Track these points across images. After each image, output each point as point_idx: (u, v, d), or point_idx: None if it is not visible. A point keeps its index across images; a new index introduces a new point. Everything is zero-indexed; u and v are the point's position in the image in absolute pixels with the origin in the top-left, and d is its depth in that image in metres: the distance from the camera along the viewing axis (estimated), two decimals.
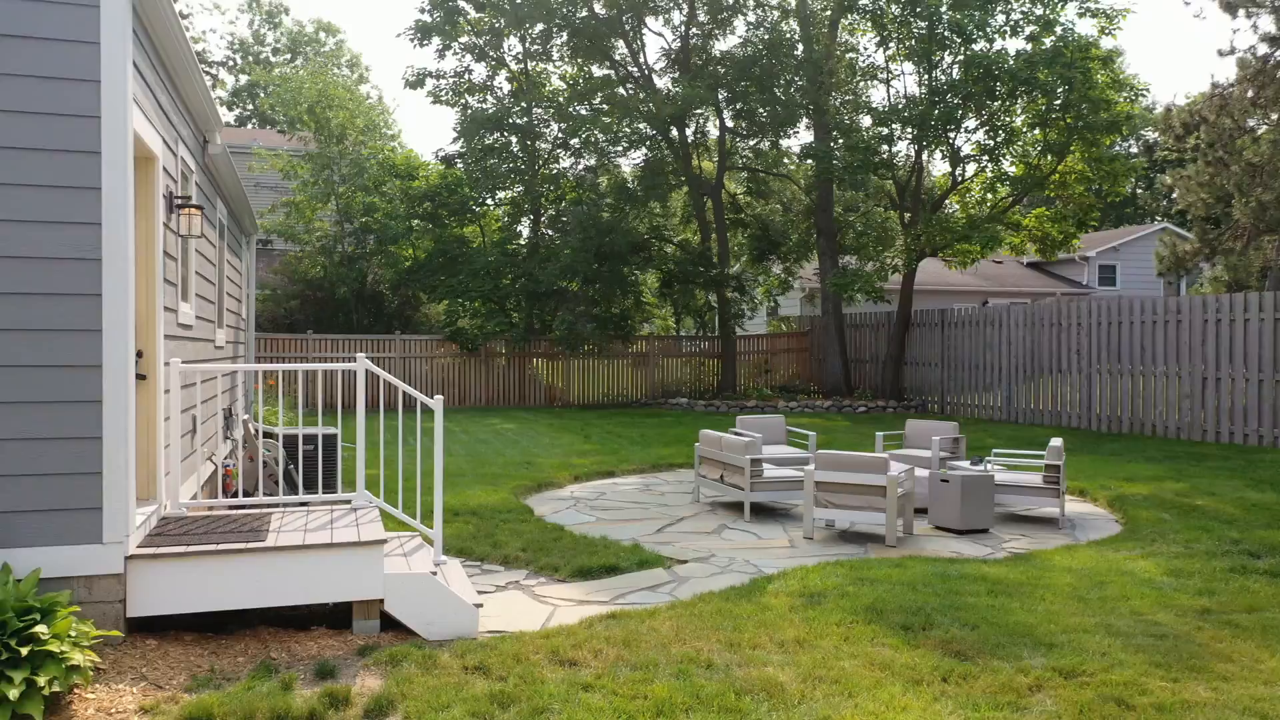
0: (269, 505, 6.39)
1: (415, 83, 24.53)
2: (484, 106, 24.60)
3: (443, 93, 24.83)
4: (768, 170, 25.29)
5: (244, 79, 52.63)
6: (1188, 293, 34.05)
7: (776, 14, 23.41)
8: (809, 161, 22.99)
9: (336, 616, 5.62)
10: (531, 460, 12.90)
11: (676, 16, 23.51)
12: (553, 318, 23.08)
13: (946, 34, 20.29)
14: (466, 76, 24.93)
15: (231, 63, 54.18)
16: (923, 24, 20.48)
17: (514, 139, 24.45)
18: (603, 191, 24.42)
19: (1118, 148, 21.20)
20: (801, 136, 23.02)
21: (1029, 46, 20.30)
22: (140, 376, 5.94)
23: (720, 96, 22.53)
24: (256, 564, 5.18)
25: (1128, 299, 16.41)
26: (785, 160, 25.38)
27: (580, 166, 25.04)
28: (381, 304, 25.21)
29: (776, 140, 24.57)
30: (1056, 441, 9.37)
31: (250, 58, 55.02)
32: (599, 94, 23.71)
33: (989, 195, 22.33)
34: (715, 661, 4.98)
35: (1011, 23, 20.28)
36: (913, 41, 20.91)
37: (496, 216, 26.72)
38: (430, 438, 12.47)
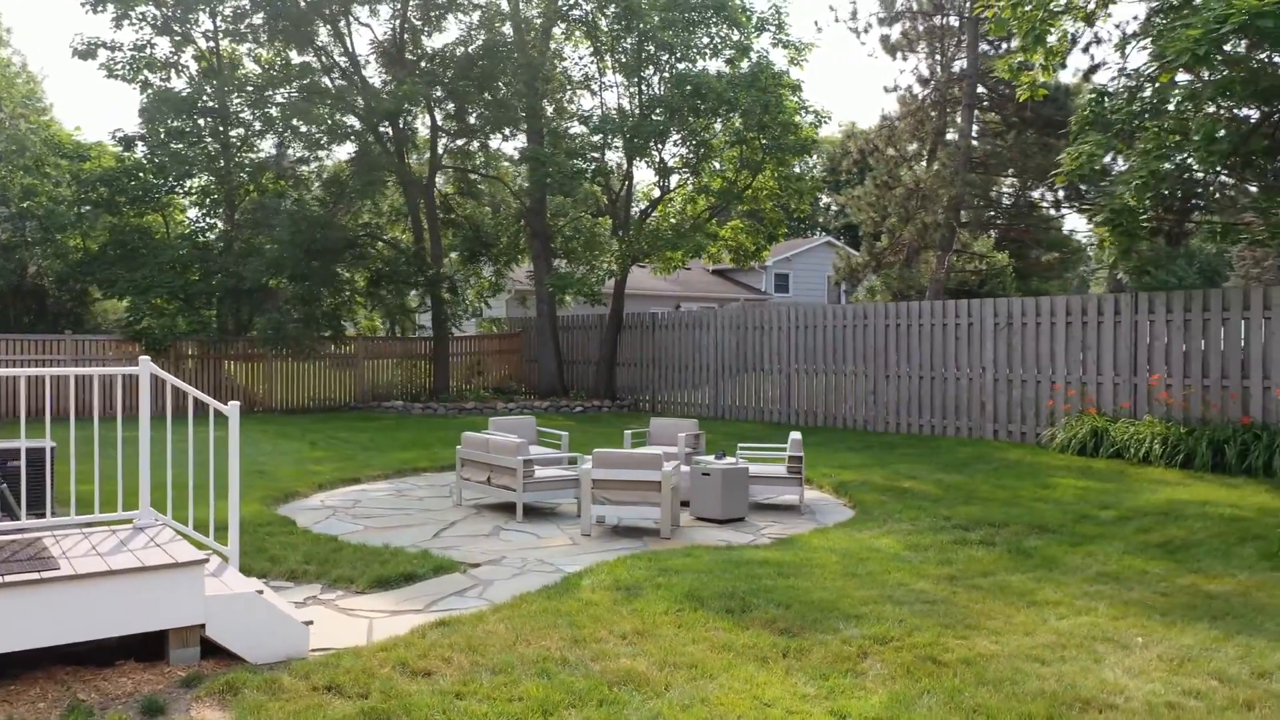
0: (36, 529, 5.58)
1: (86, 53, 21.92)
2: (170, 86, 22.49)
3: (119, 67, 22.38)
4: (480, 171, 25.26)
5: None
6: (847, 301, 38.14)
7: (491, 16, 23.45)
8: (522, 165, 23.29)
9: (142, 648, 5.06)
10: (264, 469, 12.08)
11: (386, 10, 22.87)
12: (251, 317, 21.59)
13: (654, 51, 21.40)
14: (149, 51, 22.65)
15: None
16: (633, 39, 21.47)
17: (205, 123, 22.57)
18: (312, 185, 23.19)
19: (800, 168, 23.34)
20: (517, 140, 23.33)
21: (728, 69, 21.92)
22: None
23: (437, 94, 22.20)
24: (54, 596, 4.56)
25: (825, 306, 18.25)
26: (498, 162, 25.48)
27: (284, 158, 23.60)
28: (45, 300, 22.28)
29: (485, 142, 24.62)
30: (796, 435, 10.29)
31: None
32: (296, 82, 22.50)
33: (688, 207, 23.81)
34: (569, 658, 5.08)
35: (713, 45, 21.78)
36: (623, 56, 21.85)
37: (182, 207, 24.52)
38: (217, 447, 11.30)
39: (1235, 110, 11.72)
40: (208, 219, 23.42)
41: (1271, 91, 10.58)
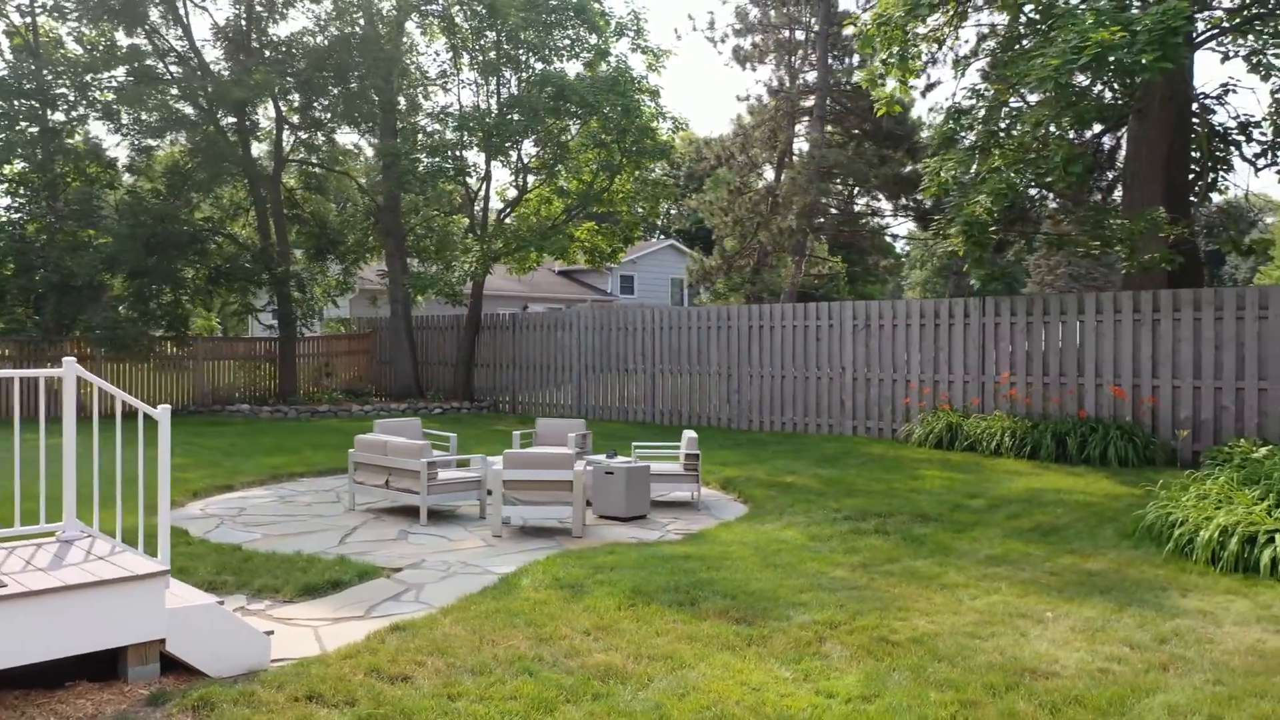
0: None
1: None
2: None
3: None
4: (329, 166, 24.41)
5: None
6: (690, 303, 39.05)
7: (343, 6, 22.70)
8: (372, 159, 22.69)
9: (94, 666, 4.75)
10: (128, 477, 11.31)
11: None
12: (76, 316, 20.06)
13: (513, 50, 21.33)
14: None
15: None
16: (492, 36, 21.32)
17: (21, 105, 20.80)
18: (151, 175, 21.78)
19: (657, 172, 23.81)
20: (371, 135, 22.52)
21: (587, 72, 22.09)
22: None
23: (288, 84, 21.31)
24: (4, 616, 4.23)
25: (689, 308, 18.71)
26: (348, 157, 24.70)
27: (118, 145, 22.06)
28: None
29: (331, 135, 23.84)
30: (691, 434, 10.60)
31: None
32: (125, 65, 21.11)
33: (542, 208, 23.84)
34: (544, 656, 5.12)
35: (571, 48, 21.90)
36: (480, 54, 21.66)
37: None
38: (136, 451, 10.41)
39: (1076, 133, 12.88)
40: (28, 208, 21.54)
41: (1104, 116, 11.70)
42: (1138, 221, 12.24)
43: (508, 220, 23.21)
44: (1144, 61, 9.91)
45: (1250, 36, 14.17)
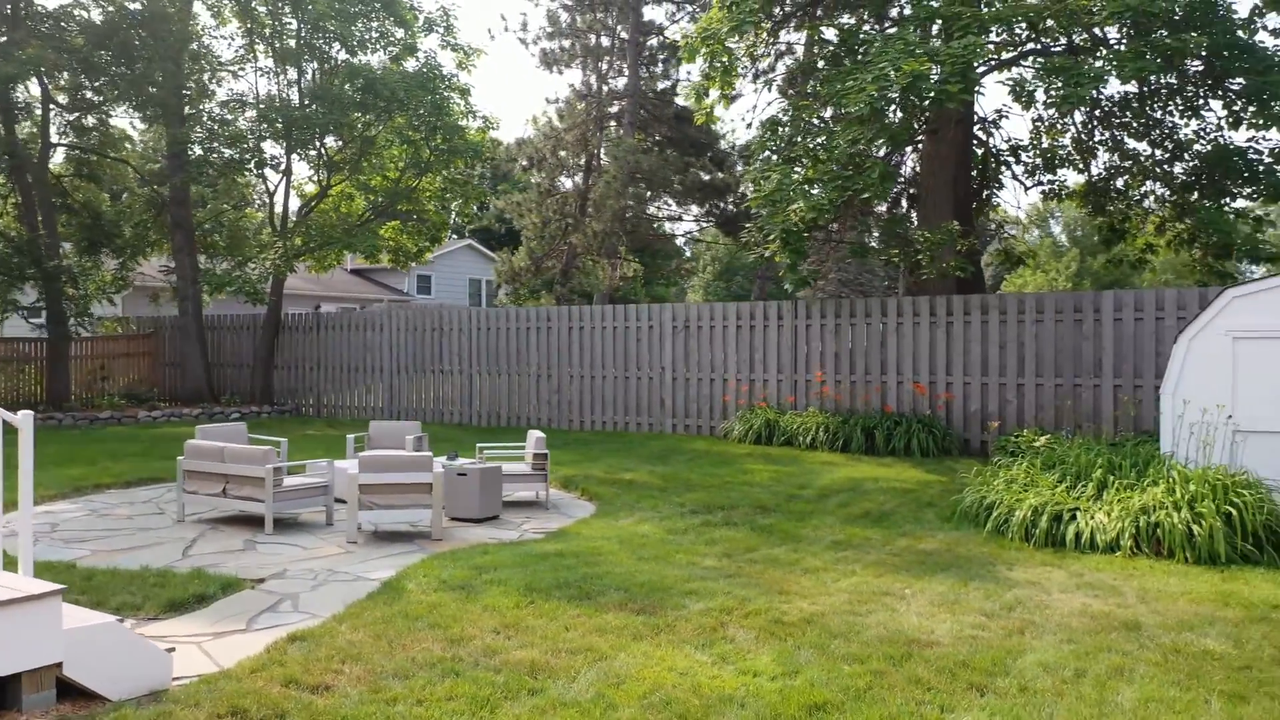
0: None
1: None
2: None
3: None
4: (102, 152, 22.49)
5: None
6: (489, 304, 38.81)
7: None
8: (151, 147, 21.16)
9: None
10: None
11: None
12: None
13: (316, 40, 20.52)
14: None
15: None
16: (293, 23, 20.41)
17: None
18: None
19: (469, 171, 23.49)
20: (157, 120, 20.81)
21: (394, 66, 21.56)
22: None
23: (64, 61, 19.47)
24: None
25: (508, 309, 18.67)
26: (126, 142, 22.86)
27: None
28: None
29: (105, 119, 22.03)
30: (538, 434, 10.69)
31: None
32: None
33: (343, 205, 23.05)
34: (462, 657, 5.12)
35: (377, 40, 21.30)
36: (279, 40, 20.69)
37: None
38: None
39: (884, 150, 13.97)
40: None
41: (911, 137, 12.79)
42: (936, 233, 13.44)
43: (310, 216, 22.25)
44: (950, 90, 10.96)
45: (1015, 69, 15.87)
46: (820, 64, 17.92)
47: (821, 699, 4.51)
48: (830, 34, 17.39)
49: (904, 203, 19.87)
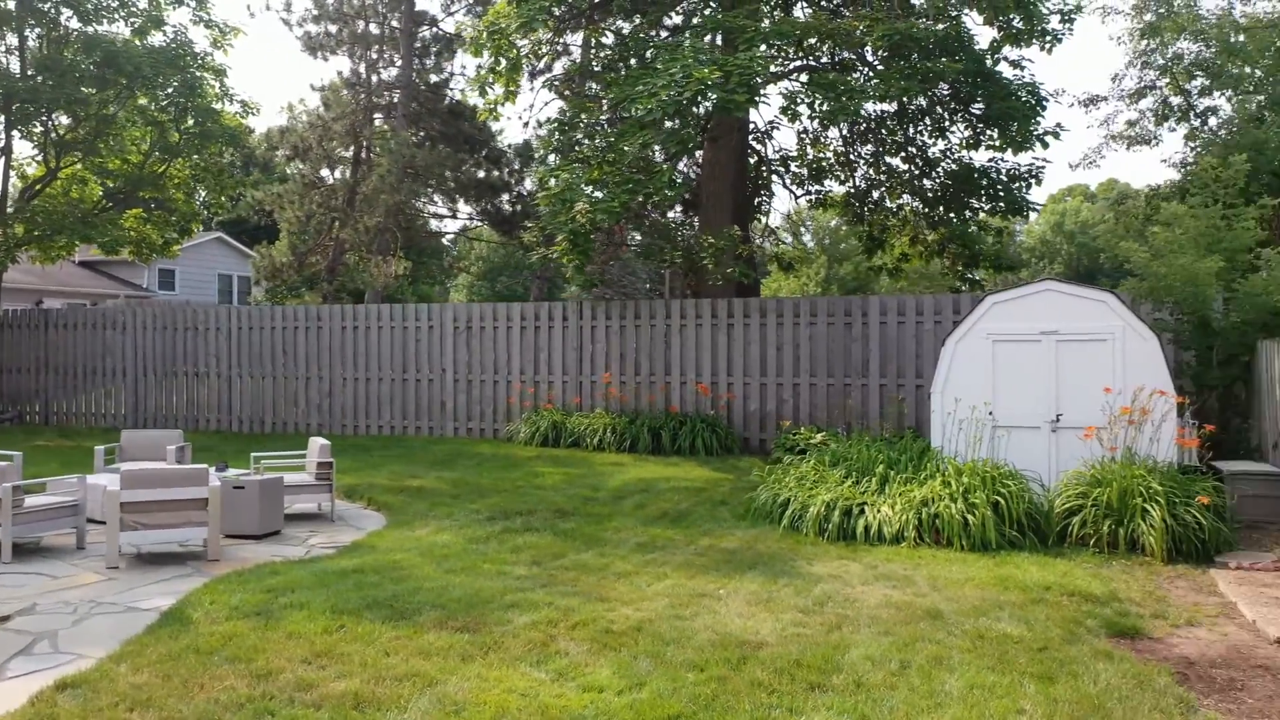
0: None
1: None
2: None
3: None
4: None
5: None
6: (241, 302, 36.33)
7: None
8: None
9: None
10: None
11: None
12: None
13: (37, 4, 18.33)
14: None
15: None
16: None
17: None
18: None
19: (219, 160, 21.66)
20: None
21: (135, 39, 19.63)
22: None
23: None
24: None
25: (274, 307, 17.43)
26: None
27: None
28: None
29: None
30: (322, 441, 10.01)
31: None
32: None
33: (74, 189, 20.75)
34: (274, 693, 4.63)
35: (122, 11, 19.33)
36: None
37: None
38: None
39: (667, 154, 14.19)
40: None
41: (699, 143, 13.07)
42: (720, 238, 13.81)
43: (34, 202, 19.82)
44: (738, 99, 11.27)
45: (786, 82, 16.65)
46: (598, 67, 18.06)
47: (674, 712, 4.41)
48: (608, 39, 17.54)
49: (678, 207, 20.37)
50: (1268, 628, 5.92)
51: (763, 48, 12.15)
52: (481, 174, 25.29)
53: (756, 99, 12.04)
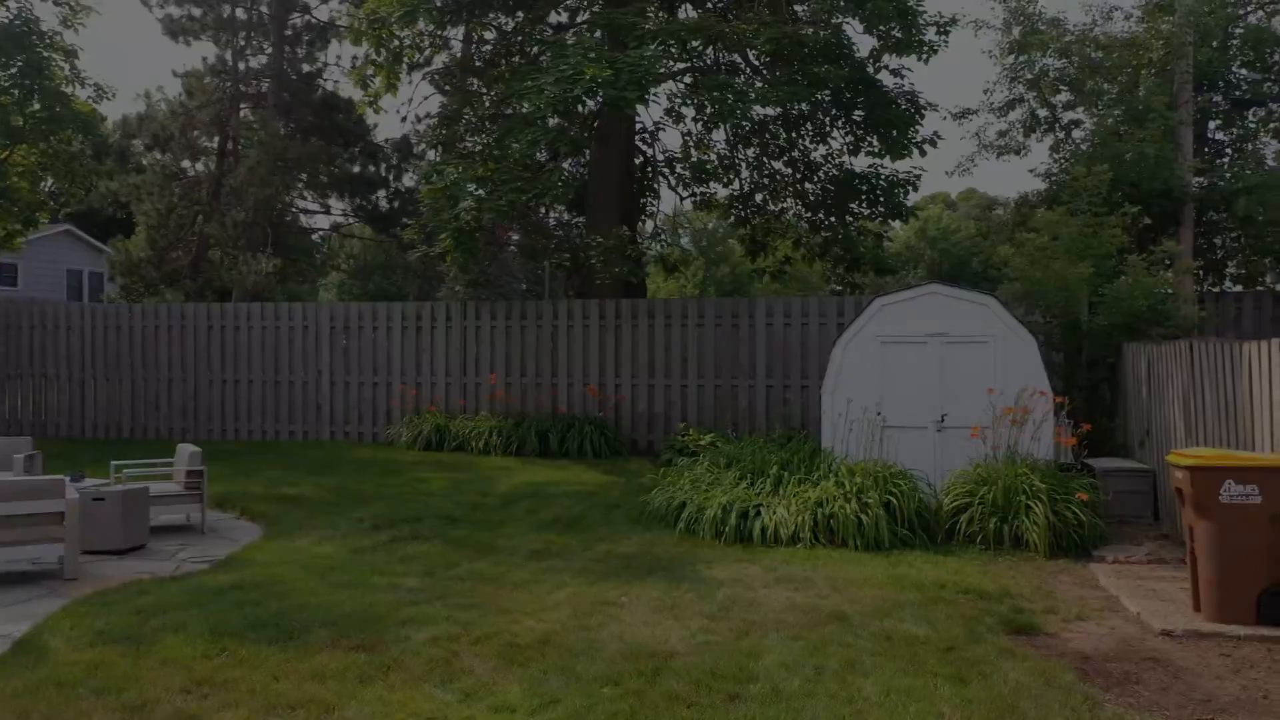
0: None
1: None
2: None
3: None
4: None
5: None
6: (94, 300, 34.23)
7: None
8: None
9: None
10: None
11: None
12: None
13: None
14: None
15: None
16: None
17: None
18: None
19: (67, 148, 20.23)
20: None
21: None
22: None
23: None
24: None
25: (134, 305, 16.36)
26: None
27: None
28: None
29: None
30: (192, 448, 9.41)
31: None
32: None
33: None
34: None
35: None
36: None
37: None
38: None
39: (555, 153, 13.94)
40: None
41: (588, 142, 12.90)
42: (610, 239, 13.66)
43: None
44: (629, 97, 11.14)
45: (674, 83, 16.65)
46: (479, 62, 17.68)
47: None
48: (490, 35, 17.19)
49: (559, 207, 20.12)
50: (1152, 620, 6.14)
51: (653, 46, 12.05)
52: (357, 169, 24.45)
53: (647, 97, 11.96)
